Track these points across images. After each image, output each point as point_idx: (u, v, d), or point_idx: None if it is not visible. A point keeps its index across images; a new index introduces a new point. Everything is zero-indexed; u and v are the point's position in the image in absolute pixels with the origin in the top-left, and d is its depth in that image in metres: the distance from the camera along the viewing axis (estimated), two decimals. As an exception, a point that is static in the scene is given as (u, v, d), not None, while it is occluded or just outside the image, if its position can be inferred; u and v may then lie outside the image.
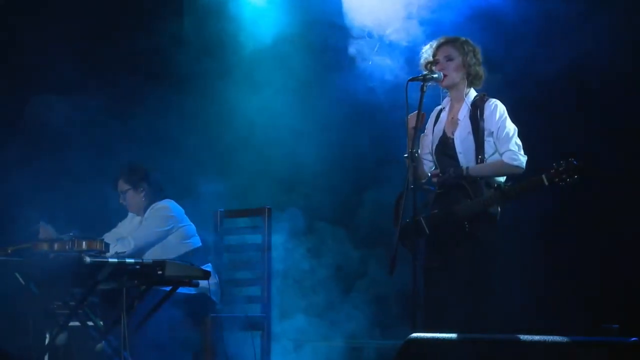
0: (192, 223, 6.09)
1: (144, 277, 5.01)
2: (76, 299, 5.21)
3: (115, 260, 4.91)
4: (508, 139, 5.02)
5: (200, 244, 6.08)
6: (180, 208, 6.08)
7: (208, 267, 5.92)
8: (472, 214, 4.97)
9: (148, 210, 6.05)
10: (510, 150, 5.02)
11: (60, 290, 5.32)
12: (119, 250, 5.58)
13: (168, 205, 6.02)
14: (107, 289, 5.15)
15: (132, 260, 4.98)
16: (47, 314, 5.43)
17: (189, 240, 6.02)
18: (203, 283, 5.41)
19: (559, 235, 6.11)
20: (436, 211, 5.10)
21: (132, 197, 6.06)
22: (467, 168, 5.03)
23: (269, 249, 6.04)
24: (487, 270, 4.97)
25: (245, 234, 6.27)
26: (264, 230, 6.08)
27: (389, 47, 6.05)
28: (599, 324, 4.00)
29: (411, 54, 5.65)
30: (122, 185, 6.06)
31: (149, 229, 5.93)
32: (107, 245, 5.15)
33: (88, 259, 4.82)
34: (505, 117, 5.09)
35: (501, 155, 5.05)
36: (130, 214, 6.20)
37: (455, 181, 5.04)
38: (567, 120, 6.13)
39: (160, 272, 4.96)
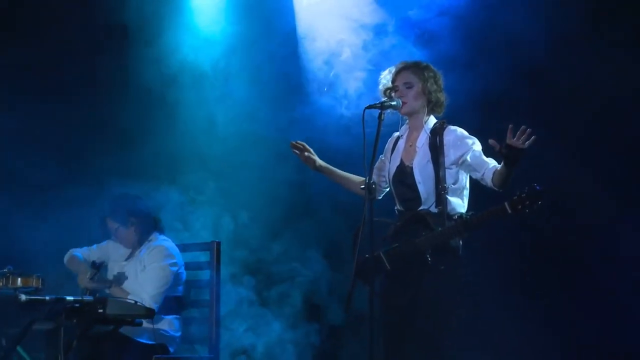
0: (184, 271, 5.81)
1: (84, 315, 4.84)
2: (10, 340, 4.95)
3: (53, 297, 4.78)
4: (485, 158, 4.83)
5: (182, 293, 5.77)
6: (176, 247, 5.77)
7: (177, 318, 5.70)
8: (433, 246, 4.79)
9: (145, 252, 5.70)
10: (495, 165, 4.82)
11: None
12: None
13: (164, 246, 5.70)
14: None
15: (71, 298, 4.85)
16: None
17: (179, 287, 5.73)
18: (166, 333, 5.54)
19: (526, 269, 6.01)
20: (397, 245, 4.90)
21: (123, 234, 5.77)
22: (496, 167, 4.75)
23: (217, 285, 5.73)
24: (450, 303, 4.76)
25: (192, 269, 5.93)
26: (212, 266, 5.76)
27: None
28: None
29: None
30: (111, 224, 5.78)
31: (158, 285, 5.55)
32: (44, 281, 4.94)
33: (24, 297, 4.75)
34: (474, 139, 4.92)
35: (485, 171, 4.80)
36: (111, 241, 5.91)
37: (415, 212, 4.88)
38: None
39: (101, 311, 4.82)
